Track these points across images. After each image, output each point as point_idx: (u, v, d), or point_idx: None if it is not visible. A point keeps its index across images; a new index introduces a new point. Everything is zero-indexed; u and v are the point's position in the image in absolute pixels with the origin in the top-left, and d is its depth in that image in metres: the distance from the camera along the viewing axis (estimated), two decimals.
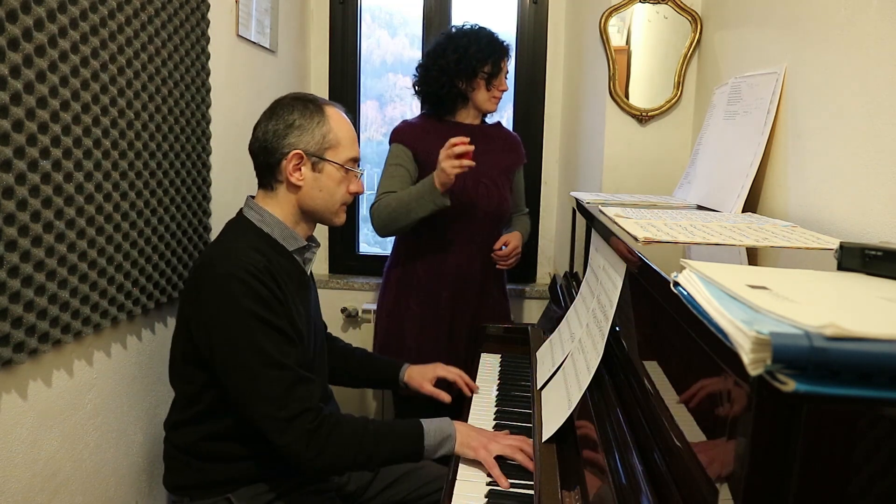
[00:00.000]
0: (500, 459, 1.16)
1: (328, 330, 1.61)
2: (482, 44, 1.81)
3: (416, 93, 1.93)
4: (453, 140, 1.60)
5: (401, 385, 1.55)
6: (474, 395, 1.48)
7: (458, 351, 1.88)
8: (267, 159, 1.28)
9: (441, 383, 1.53)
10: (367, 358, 1.61)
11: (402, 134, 1.88)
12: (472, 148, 1.61)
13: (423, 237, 1.83)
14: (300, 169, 1.26)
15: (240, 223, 1.30)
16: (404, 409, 1.93)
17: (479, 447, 1.16)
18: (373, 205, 1.82)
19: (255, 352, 1.14)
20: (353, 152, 1.32)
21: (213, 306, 1.16)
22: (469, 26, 1.87)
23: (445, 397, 1.48)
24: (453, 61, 1.81)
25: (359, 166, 1.35)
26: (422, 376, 1.52)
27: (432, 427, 1.20)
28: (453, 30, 1.88)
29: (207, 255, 1.25)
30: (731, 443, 0.48)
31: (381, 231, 1.82)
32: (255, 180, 1.31)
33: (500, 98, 1.88)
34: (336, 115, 1.30)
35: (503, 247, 1.87)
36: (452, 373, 1.52)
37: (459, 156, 1.60)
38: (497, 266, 1.91)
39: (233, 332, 1.15)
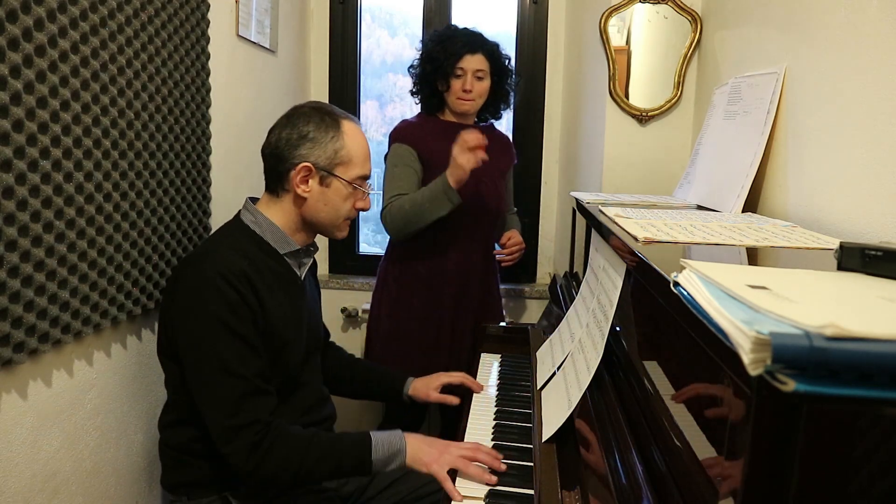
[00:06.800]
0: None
1: (331, 337, 1.60)
2: (447, 45, 1.83)
3: (413, 94, 1.96)
4: (465, 134, 1.60)
5: (405, 399, 1.54)
6: (475, 395, 1.48)
7: (461, 347, 1.88)
8: (276, 166, 1.27)
9: (446, 387, 1.52)
10: (370, 370, 1.60)
11: (404, 133, 1.88)
12: (485, 142, 1.61)
13: (423, 236, 1.82)
14: (307, 181, 1.26)
15: (232, 224, 1.30)
16: (393, 410, 1.98)
17: (430, 462, 1.15)
18: (384, 208, 1.80)
19: (214, 357, 1.14)
20: (363, 170, 1.31)
21: (185, 306, 1.18)
22: (445, 27, 1.92)
23: (454, 400, 1.48)
24: (428, 63, 1.85)
25: (368, 183, 1.34)
26: (427, 387, 1.51)
27: (381, 440, 1.18)
28: (435, 31, 1.92)
29: (190, 254, 1.26)
30: (731, 443, 0.48)
31: (397, 234, 1.81)
32: (256, 180, 1.31)
33: (467, 100, 1.84)
34: (352, 132, 1.29)
35: (506, 243, 1.91)
36: (456, 377, 1.51)
37: (472, 149, 1.60)
38: (502, 263, 1.95)
39: (197, 334, 1.16)
